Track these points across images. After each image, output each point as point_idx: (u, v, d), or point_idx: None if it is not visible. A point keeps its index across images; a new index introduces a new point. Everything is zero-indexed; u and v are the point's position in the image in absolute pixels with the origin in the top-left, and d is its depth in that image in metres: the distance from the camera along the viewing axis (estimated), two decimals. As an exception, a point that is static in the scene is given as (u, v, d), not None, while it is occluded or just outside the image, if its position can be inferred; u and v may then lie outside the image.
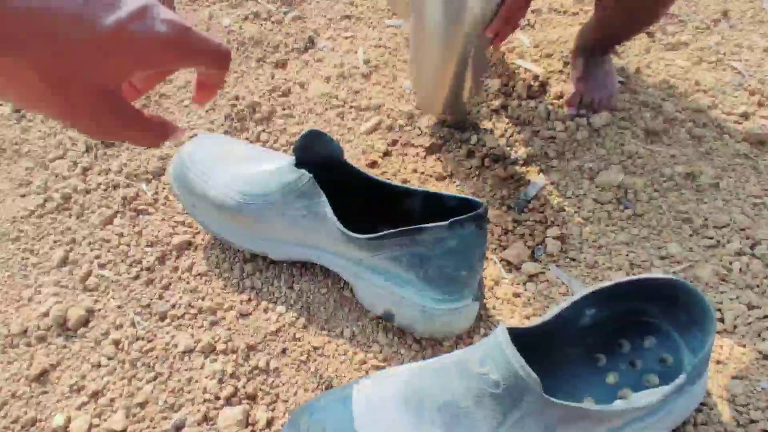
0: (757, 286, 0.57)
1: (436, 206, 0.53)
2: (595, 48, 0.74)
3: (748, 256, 0.60)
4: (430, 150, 0.70)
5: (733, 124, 0.74)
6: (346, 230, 0.49)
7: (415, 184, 0.67)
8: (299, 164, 0.53)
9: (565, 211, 0.65)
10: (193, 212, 0.59)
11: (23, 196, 0.66)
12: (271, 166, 0.54)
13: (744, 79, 0.80)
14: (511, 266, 0.61)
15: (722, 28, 0.89)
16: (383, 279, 0.51)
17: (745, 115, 0.75)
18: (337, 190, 0.56)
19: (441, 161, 0.70)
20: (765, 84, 0.78)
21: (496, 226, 0.63)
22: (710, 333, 0.42)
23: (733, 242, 0.61)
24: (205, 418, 0.50)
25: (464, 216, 0.47)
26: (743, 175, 0.68)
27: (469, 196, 0.50)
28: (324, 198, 0.50)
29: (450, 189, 0.67)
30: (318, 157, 0.54)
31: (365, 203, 0.57)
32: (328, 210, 0.49)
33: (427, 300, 0.50)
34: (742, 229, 0.62)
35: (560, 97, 0.76)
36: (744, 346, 0.53)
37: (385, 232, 0.48)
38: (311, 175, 0.50)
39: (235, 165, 0.57)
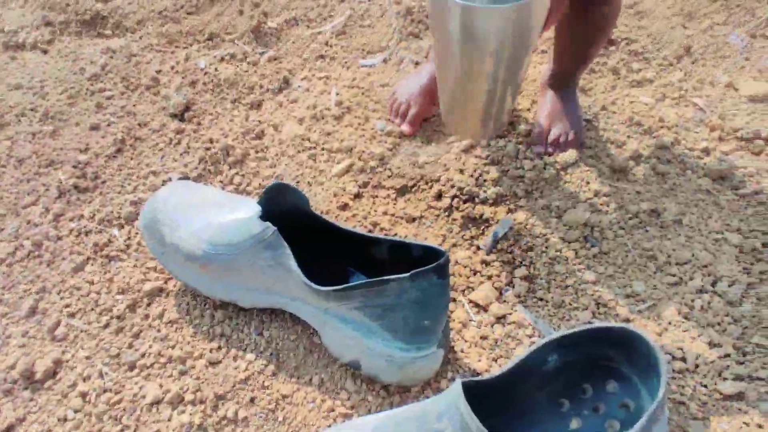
0: (718, 324, 0.58)
1: (403, 254, 0.54)
2: (560, 79, 0.77)
3: (709, 293, 0.61)
4: (401, 192, 0.72)
5: (695, 159, 0.76)
6: (309, 282, 0.50)
7: (386, 227, 0.68)
8: (266, 215, 0.53)
9: (533, 250, 0.66)
10: (162, 260, 0.59)
11: (-6, 244, 0.66)
12: (239, 216, 0.54)
13: (705, 115, 0.82)
14: (479, 308, 0.61)
15: (685, 64, 0.92)
16: (351, 328, 0.52)
17: (707, 151, 0.77)
18: (307, 236, 0.57)
19: (411, 202, 0.71)
20: (725, 119, 0.81)
21: (465, 267, 0.64)
22: (664, 379, 0.43)
23: (695, 279, 0.62)
24: (171, 474, 0.50)
25: (425, 267, 0.48)
26: (705, 211, 0.70)
27: (434, 245, 0.51)
28: (288, 250, 0.50)
29: (420, 231, 0.68)
30: (284, 207, 0.55)
31: (335, 249, 0.58)
32: (293, 262, 0.50)
33: (393, 349, 0.50)
34: (704, 266, 0.64)
35: (528, 135, 0.78)
36: (705, 386, 0.54)
37: (347, 285, 0.49)
38: (275, 228, 0.51)
39: (205, 212, 0.57)
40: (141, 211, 0.61)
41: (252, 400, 0.54)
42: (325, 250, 0.58)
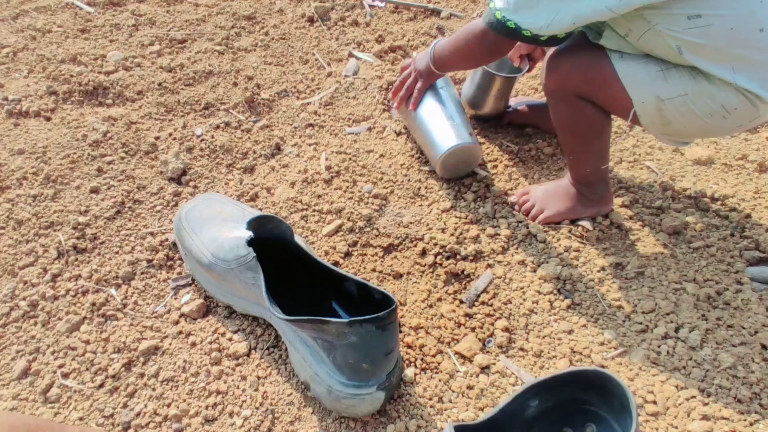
0: (683, 368, 0.63)
1: (367, 294, 0.59)
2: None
3: (673, 339, 0.66)
4: (388, 250, 0.77)
5: (651, 216, 0.84)
6: (271, 308, 0.58)
7: (374, 283, 0.72)
8: (256, 239, 0.62)
9: (511, 303, 0.71)
10: (185, 260, 0.70)
11: (-11, 305, 0.67)
12: (236, 235, 0.63)
13: (657, 177, 0.92)
14: (464, 359, 0.65)
15: (637, 131, 1.03)
16: (307, 352, 0.58)
17: (662, 209, 0.86)
18: (294, 262, 0.65)
19: (398, 260, 0.76)
20: (675, 180, 0.90)
21: (450, 320, 0.69)
22: (634, 413, 0.47)
23: (660, 327, 0.68)
24: None
25: (364, 318, 0.51)
26: (664, 264, 0.77)
27: (387, 292, 0.55)
28: (261, 277, 0.59)
29: (407, 286, 0.73)
30: (272, 236, 0.64)
31: (317, 278, 0.64)
32: (263, 288, 0.58)
33: (334, 382, 0.55)
34: (667, 314, 0.70)
35: (504, 194, 0.86)
36: (676, 427, 0.58)
37: (297, 317, 0.55)
38: (255, 254, 0.59)
39: (217, 226, 0.67)
40: (174, 215, 0.74)
41: (248, 456, 0.55)
42: (310, 279, 0.65)
